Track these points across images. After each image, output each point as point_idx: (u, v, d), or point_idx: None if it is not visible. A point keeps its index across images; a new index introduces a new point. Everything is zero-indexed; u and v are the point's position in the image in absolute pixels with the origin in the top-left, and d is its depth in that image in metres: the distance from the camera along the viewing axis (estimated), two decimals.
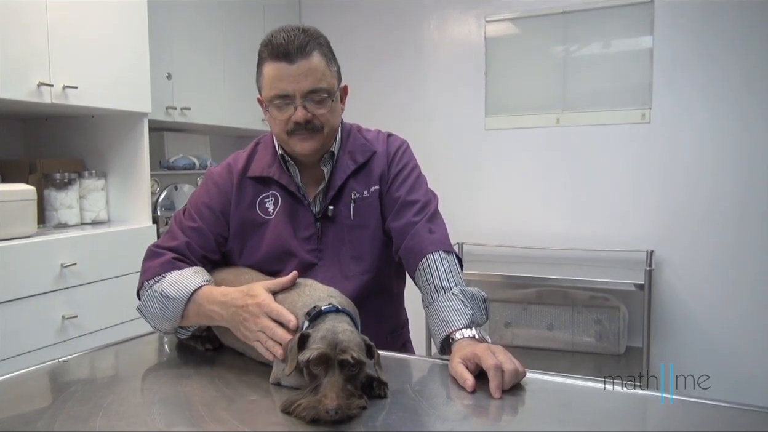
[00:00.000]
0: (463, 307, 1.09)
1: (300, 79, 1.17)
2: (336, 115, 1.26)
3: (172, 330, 1.16)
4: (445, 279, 1.15)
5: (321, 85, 1.19)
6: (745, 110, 2.68)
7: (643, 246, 2.85)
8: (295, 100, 1.18)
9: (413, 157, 1.36)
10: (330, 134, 1.25)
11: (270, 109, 1.22)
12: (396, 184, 1.29)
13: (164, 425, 0.83)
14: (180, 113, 2.72)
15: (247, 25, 3.13)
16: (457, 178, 3.24)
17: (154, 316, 1.15)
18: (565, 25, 2.98)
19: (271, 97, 1.20)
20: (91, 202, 2.35)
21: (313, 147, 1.22)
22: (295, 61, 1.17)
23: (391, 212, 1.27)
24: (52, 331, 1.93)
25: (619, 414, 0.89)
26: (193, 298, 1.10)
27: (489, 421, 0.86)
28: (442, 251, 1.19)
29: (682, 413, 0.88)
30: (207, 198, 1.29)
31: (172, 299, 1.11)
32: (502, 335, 2.98)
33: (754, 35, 2.64)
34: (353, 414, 0.81)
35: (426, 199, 1.29)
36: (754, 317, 2.71)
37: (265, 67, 1.21)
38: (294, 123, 1.20)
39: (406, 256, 1.23)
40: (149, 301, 1.15)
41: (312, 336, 0.87)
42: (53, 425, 0.81)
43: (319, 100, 1.20)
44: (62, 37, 2.04)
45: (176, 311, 1.11)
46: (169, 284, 1.13)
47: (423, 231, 1.22)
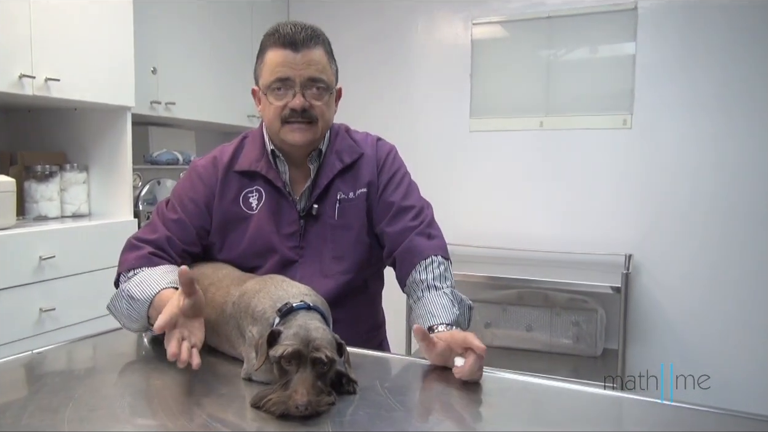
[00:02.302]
0: (451, 306, 1.12)
1: (303, 66, 1.19)
2: (331, 112, 1.28)
3: (143, 329, 1.16)
4: (439, 280, 1.18)
5: (321, 76, 1.21)
6: (725, 117, 2.73)
7: (622, 249, 2.89)
8: (294, 86, 1.19)
9: (403, 163, 1.38)
10: (323, 129, 1.26)
11: (267, 95, 1.23)
12: (389, 189, 1.31)
13: (133, 417, 0.83)
14: (165, 108, 2.71)
15: (235, 21, 3.13)
16: (441, 179, 3.26)
17: (123, 316, 1.15)
18: (550, 29, 3.01)
19: (270, 81, 1.21)
20: (72, 195, 2.34)
21: (306, 138, 1.23)
22: (300, 50, 1.19)
23: (386, 217, 1.29)
24: (30, 323, 1.92)
25: (590, 414, 0.91)
26: (153, 302, 1.09)
27: (458, 418, 0.88)
28: (441, 256, 1.22)
29: (657, 414, 0.90)
30: (191, 190, 1.29)
31: (136, 300, 1.11)
32: (481, 335, 3.00)
33: (734, 43, 2.69)
34: (322, 410, 0.82)
35: (421, 205, 1.31)
36: (729, 321, 2.76)
37: (268, 54, 1.21)
38: (290, 110, 1.20)
39: (402, 258, 1.24)
40: (117, 300, 1.15)
41: (284, 332, 0.88)
42: (22, 416, 0.82)
43: (317, 91, 1.21)
44: (45, 29, 2.02)
45: (141, 312, 1.11)
46: (136, 284, 1.12)
47: (422, 236, 1.25)
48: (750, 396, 2.69)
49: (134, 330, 1.17)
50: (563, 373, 2.67)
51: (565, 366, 2.78)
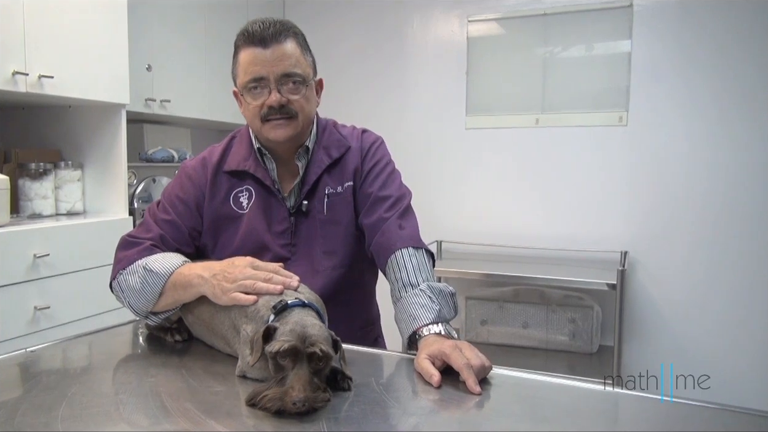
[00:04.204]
0: (431, 303, 1.09)
1: (275, 63, 1.19)
2: (311, 105, 1.26)
3: (145, 310, 1.14)
4: (413, 275, 1.16)
5: (295, 70, 1.20)
6: (720, 114, 2.73)
7: (617, 246, 2.90)
8: (269, 83, 1.19)
9: (387, 153, 1.37)
10: (305, 124, 1.25)
11: (245, 95, 1.23)
12: (369, 179, 1.30)
13: (127, 415, 0.83)
14: (160, 105, 2.70)
15: (230, 18, 3.11)
16: (437, 177, 3.26)
17: (133, 291, 1.13)
18: (546, 27, 3.01)
19: (245, 82, 1.21)
20: (66, 193, 2.33)
21: (288, 134, 1.22)
22: (270, 46, 1.19)
23: (364, 208, 1.28)
24: (24, 321, 1.92)
25: (586, 410, 0.90)
26: (172, 277, 1.10)
27: (453, 414, 0.88)
28: (411, 247, 1.20)
29: (652, 411, 0.90)
30: (181, 192, 1.29)
31: (155, 273, 1.11)
32: (478, 333, 3.01)
33: (729, 41, 2.69)
34: (318, 407, 0.82)
35: (398, 195, 1.30)
36: (725, 318, 2.77)
37: (241, 54, 1.22)
38: (268, 107, 1.20)
39: (377, 251, 1.24)
40: (130, 275, 1.15)
41: (280, 328, 0.87)
42: (16, 413, 0.81)
43: (293, 86, 1.21)
44: (39, 26, 2.01)
45: (156, 287, 1.11)
46: (154, 260, 1.14)
47: (393, 227, 1.23)
48: (748, 393, 2.70)
49: (137, 309, 1.15)
50: (559, 370, 2.68)
51: (561, 363, 2.78)
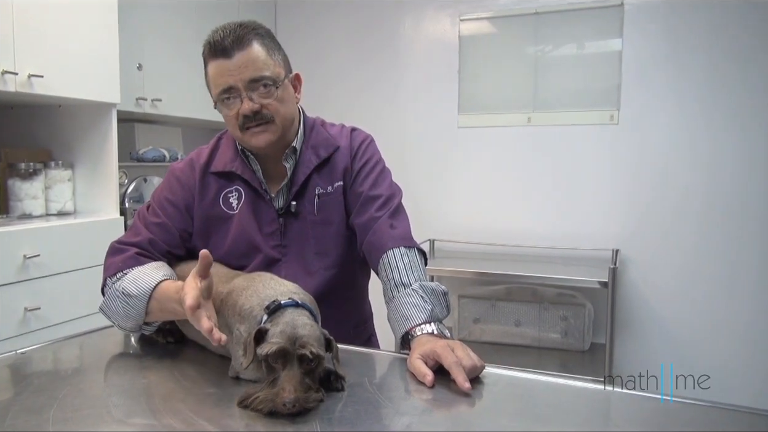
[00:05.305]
0: (423, 303, 1.09)
1: (240, 70, 1.16)
2: (287, 105, 1.23)
3: (137, 327, 1.15)
4: (405, 275, 1.16)
5: (263, 73, 1.17)
6: (711, 112, 2.75)
7: (609, 244, 2.91)
8: (240, 92, 1.17)
9: (377, 151, 1.36)
10: (285, 125, 1.23)
11: (220, 107, 1.22)
12: (359, 179, 1.29)
13: (119, 416, 0.83)
14: (151, 104, 2.69)
15: (222, 17, 3.02)
16: (429, 175, 3.26)
17: (118, 316, 1.13)
18: (538, 25, 3.02)
19: (217, 94, 1.20)
20: (56, 193, 2.32)
21: (269, 139, 1.21)
22: (233, 55, 1.16)
23: (355, 208, 1.28)
24: (14, 322, 1.90)
25: (578, 409, 0.91)
26: (153, 294, 1.09)
27: (446, 414, 0.88)
28: (403, 246, 1.20)
29: (645, 409, 0.90)
30: (170, 194, 1.28)
31: (134, 297, 1.10)
32: (470, 331, 3.02)
33: (720, 39, 2.71)
34: (310, 407, 0.82)
35: (389, 194, 1.29)
36: (716, 317, 2.78)
37: (209, 67, 1.20)
38: (243, 116, 1.18)
39: (369, 251, 1.23)
40: (111, 301, 1.14)
41: (271, 330, 0.87)
42: (6, 416, 0.81)
43: (264, 89, 1.18)
44: (28, 25, 1.99)
45: (139, 309, 1.10)
46: (130, 282, 1.12)
47: (384, 226, 1.23)
48: (747, 391, 2.71)
49: (128, 329, 1.15)
50: (552, 368, 2.69)
51: (554, 360, 2.79)
